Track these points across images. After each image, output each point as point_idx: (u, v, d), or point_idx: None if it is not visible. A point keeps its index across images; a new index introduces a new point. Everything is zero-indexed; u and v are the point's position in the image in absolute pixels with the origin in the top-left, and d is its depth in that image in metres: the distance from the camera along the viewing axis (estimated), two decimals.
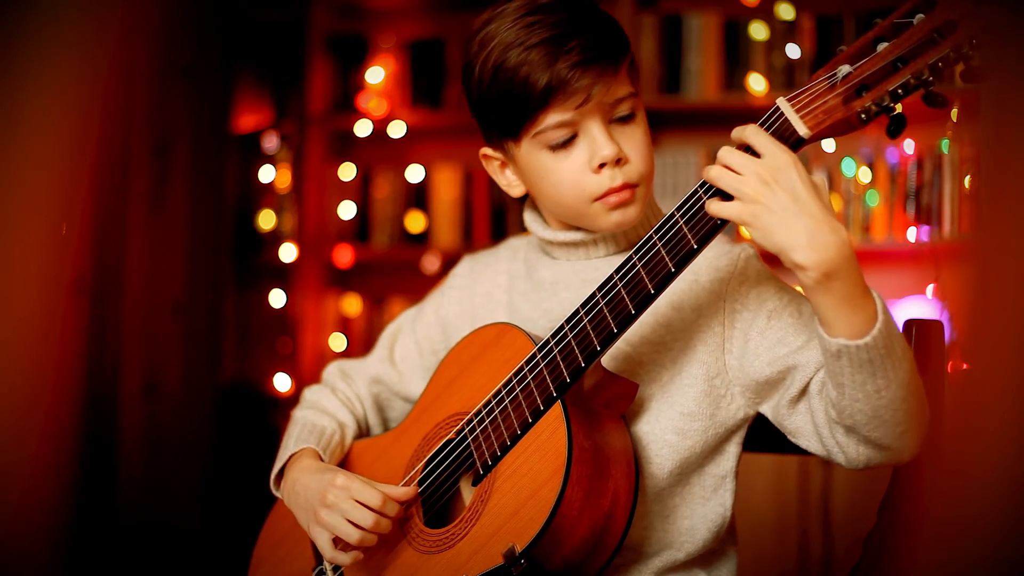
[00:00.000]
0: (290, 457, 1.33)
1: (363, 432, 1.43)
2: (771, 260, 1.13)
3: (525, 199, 1.34)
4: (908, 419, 1.05)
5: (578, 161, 1.18)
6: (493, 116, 1.22)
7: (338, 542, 1.19)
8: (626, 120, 1.20)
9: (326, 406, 1.40)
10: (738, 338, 1.19)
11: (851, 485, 2.79)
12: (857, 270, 1.00)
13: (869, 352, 1.01)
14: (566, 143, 1.18)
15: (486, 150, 1.29)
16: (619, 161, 1.18)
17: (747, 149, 1.03)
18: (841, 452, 1.11)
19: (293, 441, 1.34)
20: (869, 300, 1.02)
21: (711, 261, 1.22)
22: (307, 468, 1.28)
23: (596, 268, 1.27)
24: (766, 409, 1.20)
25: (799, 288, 1.13)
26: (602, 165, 1.17)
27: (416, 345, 1.44)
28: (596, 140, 1.17)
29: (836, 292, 1.00)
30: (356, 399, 1.44)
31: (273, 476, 1.34)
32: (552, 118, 1.16)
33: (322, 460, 1.31)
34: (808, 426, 1.15)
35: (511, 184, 1.29)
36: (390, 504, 1.18)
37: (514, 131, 1.20)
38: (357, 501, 1.17)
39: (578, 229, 1.27)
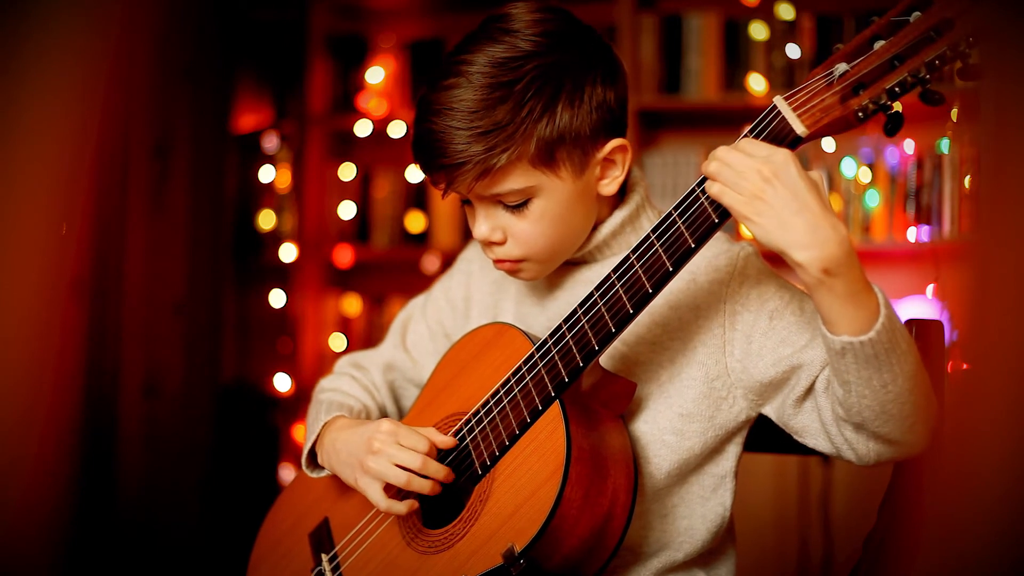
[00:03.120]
0: (322, 428, 1.31)
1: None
2: (771, 257, 1.13)
3: None
4: (916, 412, 1.05)
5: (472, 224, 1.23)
6: None
7: (389, 491, 1.18)
8: (514, 208, 1.19)
9: (347, 390, 1.40)
10: (740, 340, 1.19)
11: (851, 485, 2.79)
12: (858, 266, 1.00)
13: (874, 347, 1.01)
14: (467, 203, 1.22)
15: None
16: (493, 242, 1.20)
17: None
18: (851, 449, 1.10)
19: (323, 413, 1.32)
20: (871, 295, 1.02)
21: (710, 261, 1.22)
22: (345, 426, 1.27)
23: (594, 269, 1.27)
24: (769, 410, 1.20)
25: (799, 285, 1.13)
26: None
27: (428, 330, 1.44)
28: (475, 218, 1.21)
29: (838, 289, 1.00)
30: (373, 387, 1.43)
31: (305, 454, 1.33)
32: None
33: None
34: (815, 424, 1.15)
35: None
36: (434, 450, 1.18)
37: None
38: (404, 446, 1.17)
39: None
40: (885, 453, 1.09)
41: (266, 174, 3.47)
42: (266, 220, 3.48)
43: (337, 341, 3.41)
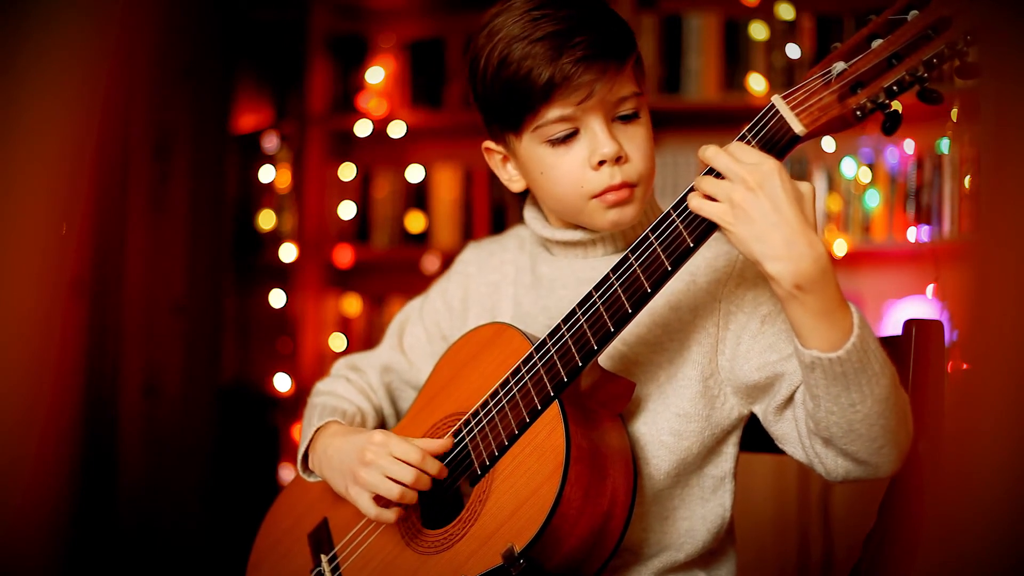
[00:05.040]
0: (315, 432, 1.31)
1: (381, 422, 1.42)
2: None
3: (526, 195, 1.34)
4: (885, 435, 1.05)
5: (578, 157, 1.18)
6: (496, 109, 1.21)
7: (379, 500, 1.18)
8: (629, 119, 1.19)
9: (342, 393, 1.39)
10: (731, 340, 1.19)
11: (851, 485, 2.79)
12: (834, 285, 1.01)
13: (843, 366, 1.01)
14: (566, 138, 1.18)
15: (488, 144, 1.29)
16: (619, 159, 1.18)
17: None
18: (820, 463, 1.11)
19: (316, 418, 1.32)
20: (846, 314, 1.02)
21: (709, 261, 1.22)
22: (338, 433, 1.27)
23: (594, 267, 1.27)
24: (757, 410, 1.21)
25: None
26: (602, 162, 1.17)
27: (425, 332, 1.43)
28: (597, 137, 1.17)
29: (810, 305, 1.00)
30: (369, 389, 1.42)
31: (300, 456, 1.33)
32: (553, 112, 1.16)
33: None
34: (793, 434, 1.15)
35: (512, 179, 1.29)
36: (429, 460, 1.17)
37: (515, 124, 1.20)
38: (396, 457, 1.16)
39: (578, 228, 1.27)
40: (853, 471, 1.09)
41: (266, 174, 3.47)
42: (266, 220, 3.48)
43: (337, 341, 3.41)
